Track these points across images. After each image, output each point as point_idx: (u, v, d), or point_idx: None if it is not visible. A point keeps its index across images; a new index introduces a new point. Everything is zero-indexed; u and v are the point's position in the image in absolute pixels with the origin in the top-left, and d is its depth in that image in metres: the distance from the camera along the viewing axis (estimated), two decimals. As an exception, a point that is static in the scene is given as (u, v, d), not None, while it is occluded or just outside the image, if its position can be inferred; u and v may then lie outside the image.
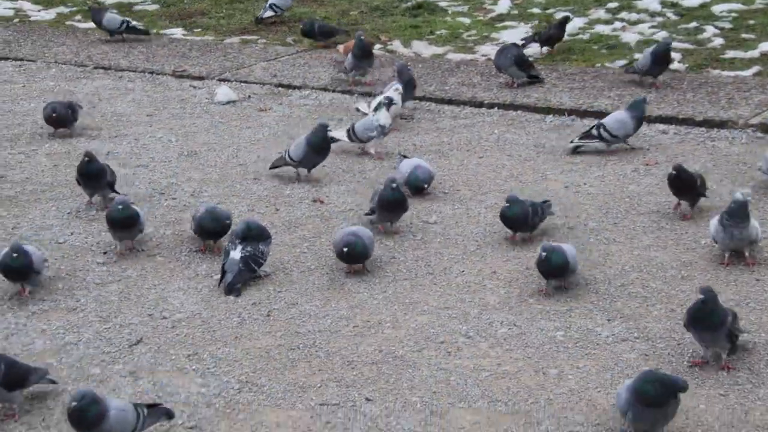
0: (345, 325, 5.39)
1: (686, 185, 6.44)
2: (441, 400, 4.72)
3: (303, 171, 7.28)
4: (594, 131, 7.59)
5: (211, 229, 6.19)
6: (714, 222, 5.79)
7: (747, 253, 5.82)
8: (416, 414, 4.62)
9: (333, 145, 7.39)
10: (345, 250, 5.73)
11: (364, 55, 9.07)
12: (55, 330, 5.43)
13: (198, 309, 5.61)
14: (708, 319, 4.80)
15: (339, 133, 7.69)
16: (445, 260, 6.06)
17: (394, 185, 6.23)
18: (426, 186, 6.88)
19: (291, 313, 5.52)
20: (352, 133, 7.63)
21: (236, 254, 5.78)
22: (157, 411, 4.48)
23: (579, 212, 6.66)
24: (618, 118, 7.58)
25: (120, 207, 6.03)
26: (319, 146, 7.13)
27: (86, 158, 6.75)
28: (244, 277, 5.78)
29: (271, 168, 7.37)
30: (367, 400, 4.73)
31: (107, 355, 5.18)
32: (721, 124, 7.98)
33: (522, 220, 6.13)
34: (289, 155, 7.20)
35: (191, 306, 5.64)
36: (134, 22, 11.40)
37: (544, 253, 5.48)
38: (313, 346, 5.20)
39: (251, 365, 5.05)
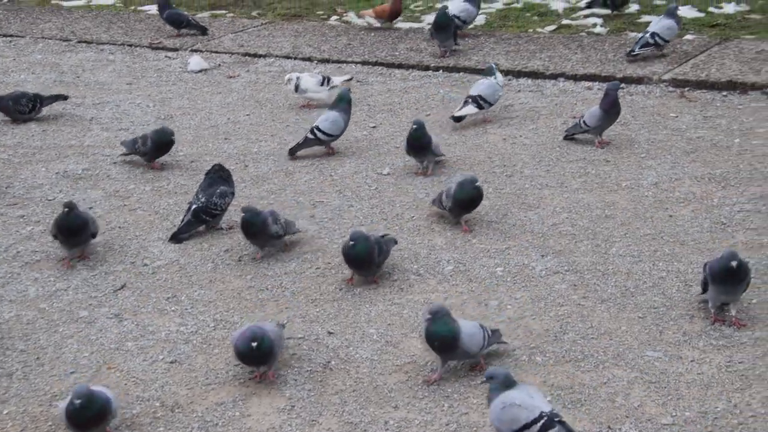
0: (308, 267, 5.33)
1: (424, 144, 6.30)
2: (395, 331, 4.70)
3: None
4: (649, 39, 8.06)
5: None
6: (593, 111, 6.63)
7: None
8: (373, 344, 4.60)
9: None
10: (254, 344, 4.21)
11: None
12: (47, 278, 5.33)
13: (176, 256, 5.52)
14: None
15: (465, 109, 7.15)
16: (397, 207, 6.01)
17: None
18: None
19: (260, 258, 5.46)
20: (482, 101, 7.11)
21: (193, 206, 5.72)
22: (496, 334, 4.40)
23: (516, 161, 6.63)
24: (667, 25, 8.07)
25: (77, 402, 3.77)
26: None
27: (66, 209, 5.28)
28: (191, 228, 5.69)
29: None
30: (329, 333, 4.70)
31: (94, 299, 5.09)
32: (639, 80, 7.95)
33: (368, 259, 4.99)
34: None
35: (169, 254, 5.55)
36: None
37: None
38: (280, 287, 5.15)
39: (225, 305, 4.99)
